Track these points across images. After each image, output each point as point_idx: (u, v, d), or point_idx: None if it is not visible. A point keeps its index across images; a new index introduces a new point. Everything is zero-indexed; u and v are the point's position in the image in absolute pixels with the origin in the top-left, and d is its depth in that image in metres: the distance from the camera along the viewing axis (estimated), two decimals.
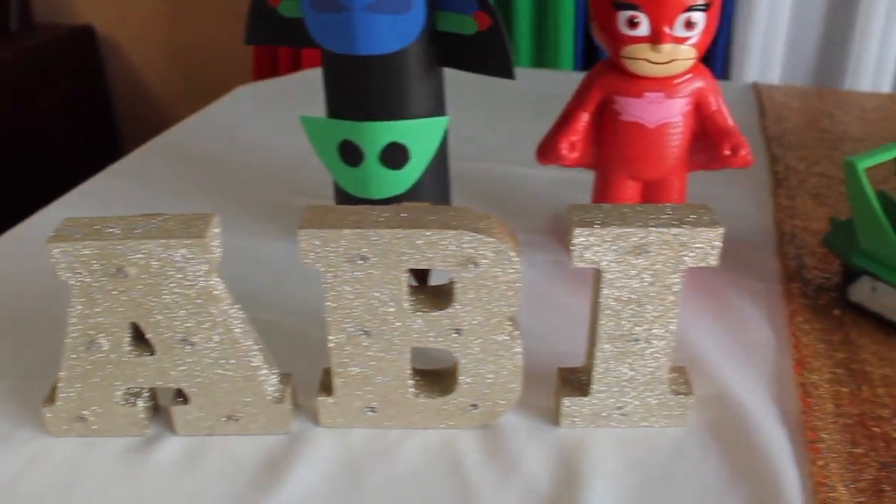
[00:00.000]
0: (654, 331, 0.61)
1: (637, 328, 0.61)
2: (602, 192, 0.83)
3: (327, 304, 0.59)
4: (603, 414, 0.64)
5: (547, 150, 0.80)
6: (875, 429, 0.65)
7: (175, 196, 1.02)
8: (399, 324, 0.60)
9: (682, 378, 0.65)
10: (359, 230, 0.57)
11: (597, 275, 0.59)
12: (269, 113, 1.28)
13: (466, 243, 0.57)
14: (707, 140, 0.79)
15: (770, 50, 1.63)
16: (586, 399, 0.64)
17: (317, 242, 0.57)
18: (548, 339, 0.73)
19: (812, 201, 0.99)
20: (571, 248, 0.58)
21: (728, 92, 1.36)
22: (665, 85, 0.77)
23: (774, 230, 0.92)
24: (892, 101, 1.36)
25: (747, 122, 1.22)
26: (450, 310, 0.60)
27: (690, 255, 0.58)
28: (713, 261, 0.58)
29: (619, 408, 0.64)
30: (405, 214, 0.58)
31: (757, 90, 1.35)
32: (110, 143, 2.53)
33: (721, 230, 0.57)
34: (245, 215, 0.96)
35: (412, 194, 0.80)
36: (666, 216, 0.58)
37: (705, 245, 0.58)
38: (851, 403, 0.67)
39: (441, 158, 0.82)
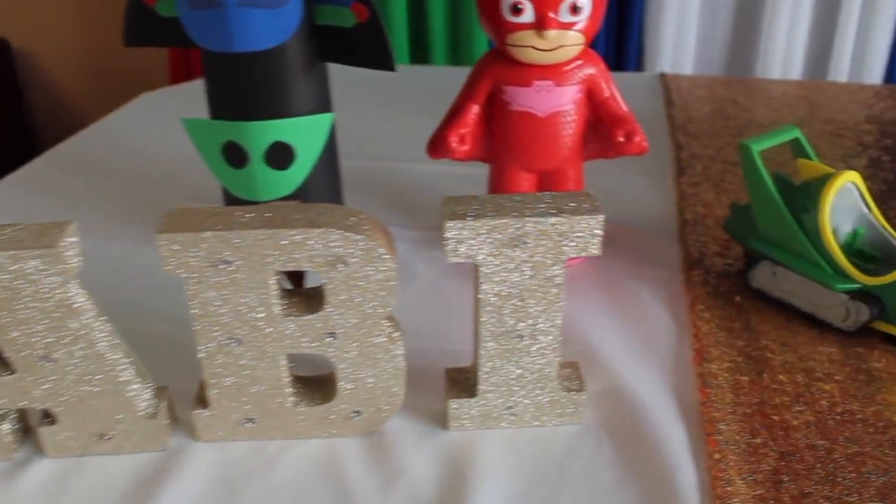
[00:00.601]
0: (539, 326, 0.58)
1: (521, 324, 0.58)
2: (496, 185, 0.80)
3: (192, 312, 0.56)
4: (493, 415, 0.62)
5: (437, 144, 0.77)
6: (774, 417, 0.63)
7: (70, 205, 0.98)
8: (271, 330, 0.57)
9: (574, 374, 0.63)
10: (219, 232, 0.53)
11: (475, 270, 0.57)
12: (173, 118, 1.23)
13: (333, 242, 0.54)
14: (601, 128, 0.77)
15: (682, 41, 1.63)
16: (474, 400, 0.61)
17: (176, 247, 0.54)
18: (442, 339, 0.70)
19: (715, 188, 0.98)
20: (444, 242, 0.55)
21: (636, 82, 1.37)
22: (554, 73, 0.74)
23: (677, 218, 0.91)
24: (798, 87, 1.36)
25: (654, 112, 1.22)
26: (322, 313, 0.57)
27: (570, 244, 0.56)
28: (595, 250, 0.56)
29: (509, 408, 0.61)
30: (270, 214, 0.55)
31: (664, 80, 1.34)
32: (28, 157, 2.45)
33: (601, 217, 0.55)
34: (135, 223, 0.92)
35: (300, 195, 0.77)
36: (544, 205, 0.56)
37: (585, 233, 0.55)
38: (751, 392, 0.65)
39: (329, 157, 0.79)
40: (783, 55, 1.62)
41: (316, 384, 0.62)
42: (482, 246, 0.55)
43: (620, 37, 1.65)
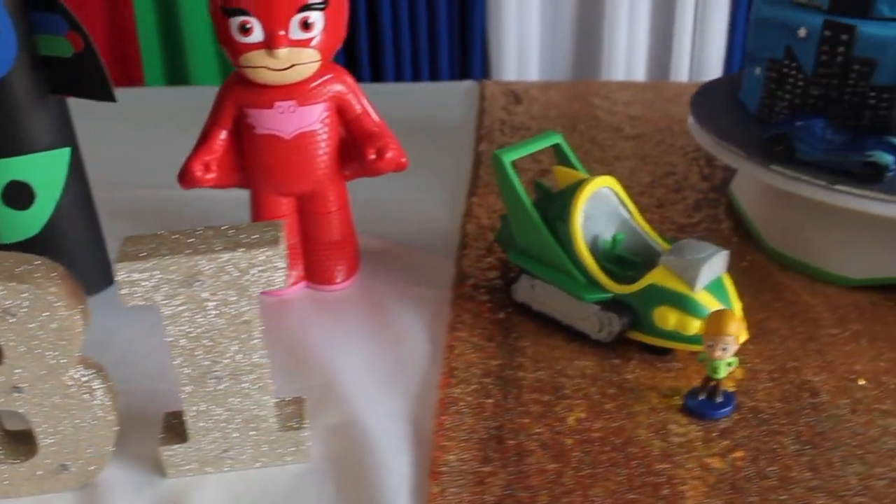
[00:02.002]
0: (238, 365, 0.55)
1: (217, 365, 0.55)
2: (255, 211, 0.77)
3: None
4: (209, 459, 0.58)
5: (184, 174, 0.74)
6: (511, 441, 0.60)
7: None
8: None
9: (297, 411, 0.60)
10: None
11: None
12: None
13: None
14: (354, 146, 0.74)
15: (525, 47, 1.60)
16: (187, 445, 0.58)
17: None
18: None
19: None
20: (119, 286, 0.52)
21: (454, 92, 1.34)
22: (295, 92, 0.71)
23: (460, 232, 0.88)
24: (620, 87, 1.36)
25: (464, 121, 1.20)
26: (2, 367, 0.53)
27: (252, 279, 0.53)
28: (280, 282, 0.53)
29: (226, 451, 0.58)
30: None
31: (482, 87, 1.31)
32: None
33: (282, 249, 0.52)
34: None
35: (48, 234, 0.73)
36: (223, 240, 0.53)
37: (266, 267, 0.52)
38: (494, 416, 0.62)
39: (78, 191, 0.75)
40: (625, 57, 1.61)
41: (23, 439, 0.58)
42: (158, 287, 0.52)
43: (464, 46, 1.63)
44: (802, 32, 0.76)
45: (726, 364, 0.62)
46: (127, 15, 1.63)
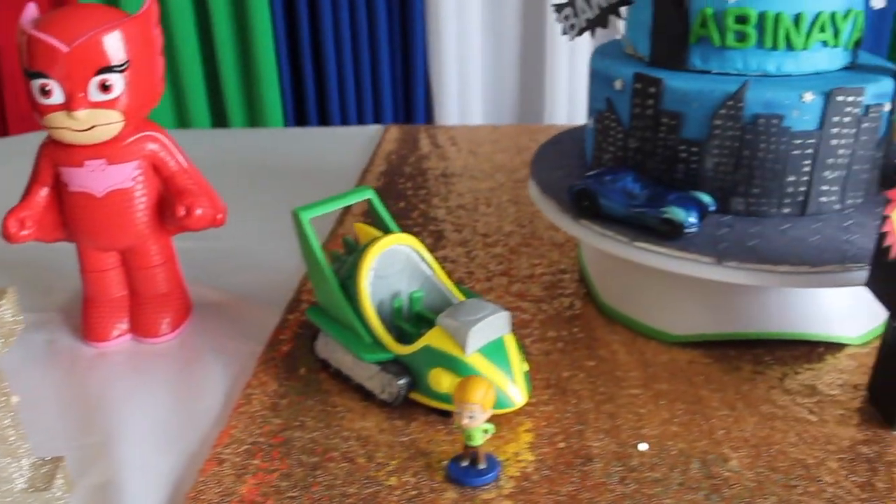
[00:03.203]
0: None
1: None
2: (81, 266, 0.78)
3: None
4: None
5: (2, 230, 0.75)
6: None
7: None
8: None
9: (50, 471, 0.60)
10: None
11: None
12: None
13: None
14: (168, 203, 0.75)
15: (467, 92, 1.62)
16: None
17: None
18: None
19: None
20: None
21: (358, 137, 1.34)
22: (105, 151, 0.72)
23: (297, 285, 0.88)
24: (492, 130, 1.38)
25: (357, 167, 1.20)
26: None
27: None
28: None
29: None
30: None
31: (385, 132, 1.31)
32: None
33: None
34: None
35: None
36: None
37: None
38: (254, 477, 0.62)
39: None
40: (567, 100, 1.58)
41: None
42: None
43: (407, 90, 1.63)
44: (618, 84, 0.74)
45: (482, 431, 0.60)
46: None
